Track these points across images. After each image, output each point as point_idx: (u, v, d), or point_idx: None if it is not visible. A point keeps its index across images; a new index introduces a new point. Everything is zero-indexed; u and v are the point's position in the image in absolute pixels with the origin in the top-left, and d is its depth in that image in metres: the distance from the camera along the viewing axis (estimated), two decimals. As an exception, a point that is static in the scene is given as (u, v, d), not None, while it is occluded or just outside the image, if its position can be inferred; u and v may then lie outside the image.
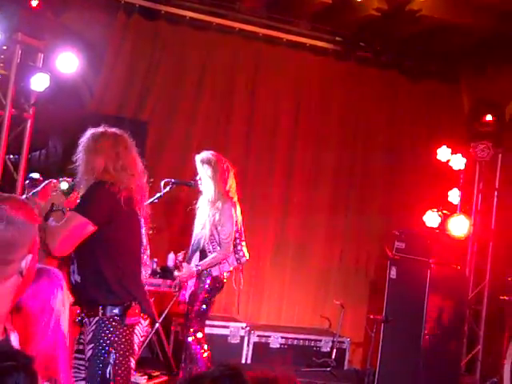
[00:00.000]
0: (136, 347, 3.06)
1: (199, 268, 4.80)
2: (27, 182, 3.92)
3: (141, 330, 3.06)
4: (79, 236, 3.00)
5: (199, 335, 4.83)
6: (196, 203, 4.99)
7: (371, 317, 6.16)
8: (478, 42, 6.53)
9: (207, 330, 5.19)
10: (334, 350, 6.47)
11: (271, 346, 6.39)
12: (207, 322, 5.18)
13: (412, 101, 7.47)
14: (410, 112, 7.48)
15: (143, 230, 3.33)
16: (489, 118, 6.50)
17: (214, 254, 4.81)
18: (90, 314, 3.00)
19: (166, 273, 5.86)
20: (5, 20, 5.00)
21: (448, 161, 6.53)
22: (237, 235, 4.95)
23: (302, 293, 7.05)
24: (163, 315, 5.91)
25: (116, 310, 2.97)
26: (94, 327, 2.96)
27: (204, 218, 4.87)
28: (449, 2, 6.17)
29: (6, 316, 1.66)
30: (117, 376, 2.92)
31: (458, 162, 6.53)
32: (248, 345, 6.31)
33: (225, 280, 4.95)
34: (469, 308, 6.53)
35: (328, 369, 6.36)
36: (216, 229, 4.81)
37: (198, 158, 4.91)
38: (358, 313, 6.96)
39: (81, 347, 3.06)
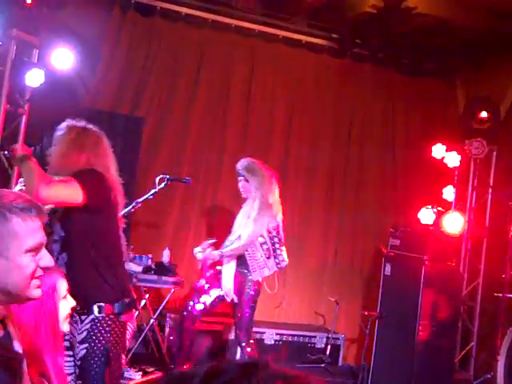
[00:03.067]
0: (127, 342, 2.95)
1: (221, 254, 4.91)
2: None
3: (131, 325, 2.96)
4: (67, 197, 2.76)
5: (251, 341, 4.97)
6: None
7: (366, 313, 6.18)
8: (473, 39, 6.54)
9: (202, 327, 5.22)
10: (329, 347, 6.48)
11: (266, 342, 6.40)
12: (202, 319, 5.23)
13: (407, 98, 7.48)
14: (406, 109, 7.49)
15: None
16: (484, 115, 6.50)
17: (235, 245, 4.91)
18: (82, 311, 2.75)
19: (160, 269, 5.86)
20: None
21: (443, 158, 6.55)
22: (276, 240, 5.01)
23: (297, 289, 7.06)
24: (158, 311, 5.92)
25: (115, 309, 2.77)
26: (88, 326, 2.75)
27: (244, 221, 4.96)
28: (445, -1, 6.18)
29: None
30: (112, 374, 2.81)
31: (452, 160, 6.54)
32: (243, 341, 6.32)
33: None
34: (463, 304, 6.55)
35: (322, 365, 6.38)
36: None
37: (241, 165, 5.02)
38: (352, 309, 6.97)
39: (67, 344, 2.82)
